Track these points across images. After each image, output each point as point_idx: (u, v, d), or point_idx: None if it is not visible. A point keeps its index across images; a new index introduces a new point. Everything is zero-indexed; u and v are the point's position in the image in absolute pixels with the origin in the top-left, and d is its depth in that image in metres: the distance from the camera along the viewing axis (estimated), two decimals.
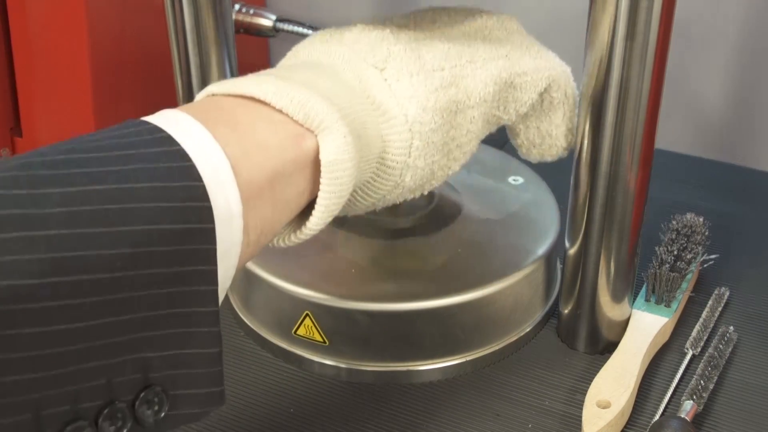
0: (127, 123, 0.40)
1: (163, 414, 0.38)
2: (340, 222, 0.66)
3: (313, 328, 0.60)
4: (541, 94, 0.56)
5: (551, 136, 0.58)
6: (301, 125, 0.44)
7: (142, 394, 0.37)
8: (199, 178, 0.38)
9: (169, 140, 0.39)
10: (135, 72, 0.82)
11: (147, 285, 0.36)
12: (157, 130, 0.39)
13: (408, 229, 0.65)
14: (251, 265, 0.62)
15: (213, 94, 0.45)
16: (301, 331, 0.61)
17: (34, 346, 0.33)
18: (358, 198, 0.51)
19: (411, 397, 0.59)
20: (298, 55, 0.52)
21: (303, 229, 0.46)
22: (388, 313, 0.59)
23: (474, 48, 0.54)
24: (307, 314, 0.60)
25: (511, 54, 0.55)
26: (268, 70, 0.49)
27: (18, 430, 0.34)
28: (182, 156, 0.38)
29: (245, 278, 0.64)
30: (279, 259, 0.63)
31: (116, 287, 0.35)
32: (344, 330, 0.60)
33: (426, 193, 0.55)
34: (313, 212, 0.45)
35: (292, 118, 0.44)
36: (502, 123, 0.57)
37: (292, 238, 0.46)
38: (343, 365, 0.61)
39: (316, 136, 0.44)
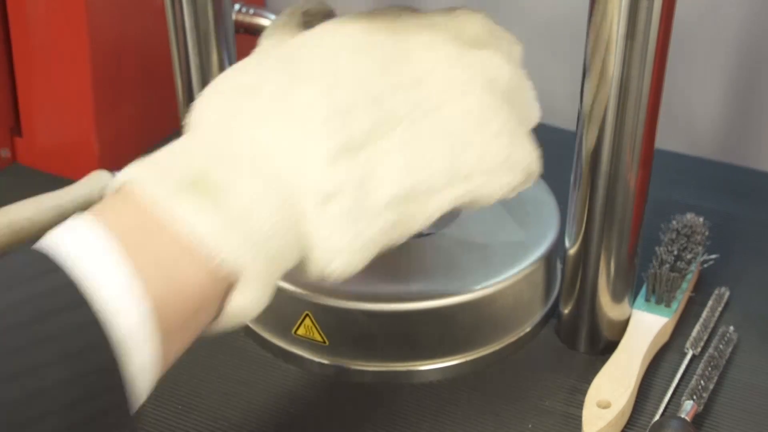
0: (38, 268, 0.36)
1: None
2: None
3: (313, 328, 0.60)
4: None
5: None
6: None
7: None
8: (114, 359, 0.35)
9: (81, 303, 0.35)
10: (135, 72, 0.82)
11: None
12: (68, 285, 0.35)
13: None
14: None
15: (139, 189, 0.41)
16: (301, 331, 0.61)
17: None
18: None
19: (411, 397, 0.59)
20: (243, 108, 0.45)
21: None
22: (388, 313, 0.59)
23: (434, 168, 0.47)
24: (307, 314, 0.60)
25: (474, 173, 0.48)
26: (205, 167, 0.42)
27: None
28: (95, 328, 0.35)
29: None
30: None
31: None
32: (344, 330, 0.60)
33: None
34: (211, 327, 0.43)
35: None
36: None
37: None
38: (343, 365, 0.61)
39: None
